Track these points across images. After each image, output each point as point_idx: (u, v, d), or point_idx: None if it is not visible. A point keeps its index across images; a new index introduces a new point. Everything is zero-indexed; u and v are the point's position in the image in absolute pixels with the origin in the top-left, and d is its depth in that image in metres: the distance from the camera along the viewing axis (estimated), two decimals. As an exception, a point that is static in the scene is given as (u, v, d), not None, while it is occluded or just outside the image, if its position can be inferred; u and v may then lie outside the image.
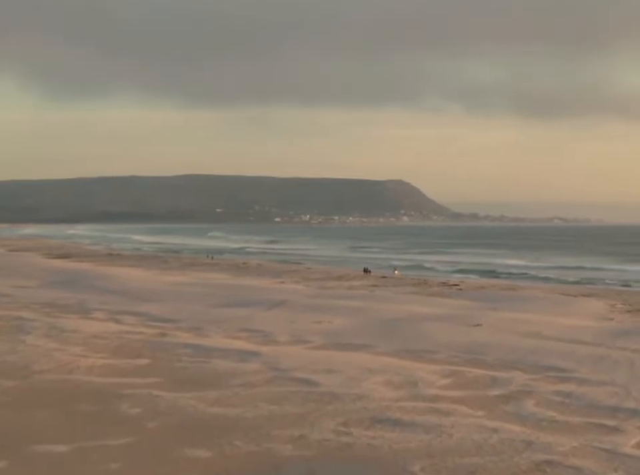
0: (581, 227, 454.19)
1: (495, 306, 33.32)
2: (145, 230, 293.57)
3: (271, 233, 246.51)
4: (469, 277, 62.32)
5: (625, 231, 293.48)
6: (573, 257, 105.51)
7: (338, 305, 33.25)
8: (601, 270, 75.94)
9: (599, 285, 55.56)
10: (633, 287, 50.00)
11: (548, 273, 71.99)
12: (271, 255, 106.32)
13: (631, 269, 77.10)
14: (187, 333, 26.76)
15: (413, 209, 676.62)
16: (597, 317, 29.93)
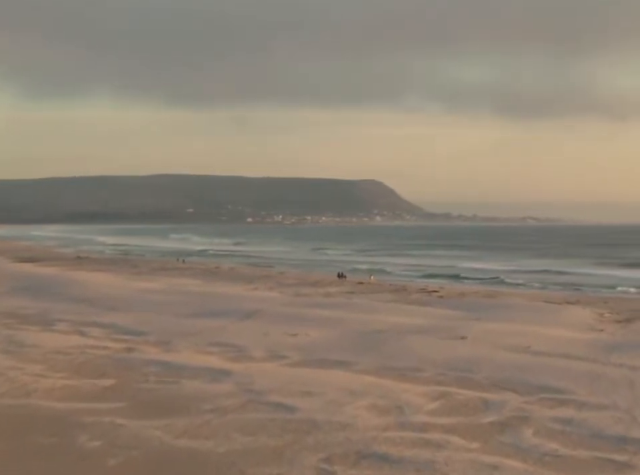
0: (553, 227, 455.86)
1: (478, 316, 32.01)
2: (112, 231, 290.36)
3: (239, 235, 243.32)
4: (435, 282, 60.72)
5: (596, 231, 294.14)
6: (542, 259, 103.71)
7: (314, 315, 31.82)
8: (574, 275, 74.07)
9: (576, 290, 54.50)
10: (612, 294, 48.70)
11: (518, 277, 70.30)
12: (236, 257, 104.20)
13: (599, 272, 75.73)
14: (155, 348, 25.22)
15: (386, 209, 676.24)
16: (586, 328, 28.70)
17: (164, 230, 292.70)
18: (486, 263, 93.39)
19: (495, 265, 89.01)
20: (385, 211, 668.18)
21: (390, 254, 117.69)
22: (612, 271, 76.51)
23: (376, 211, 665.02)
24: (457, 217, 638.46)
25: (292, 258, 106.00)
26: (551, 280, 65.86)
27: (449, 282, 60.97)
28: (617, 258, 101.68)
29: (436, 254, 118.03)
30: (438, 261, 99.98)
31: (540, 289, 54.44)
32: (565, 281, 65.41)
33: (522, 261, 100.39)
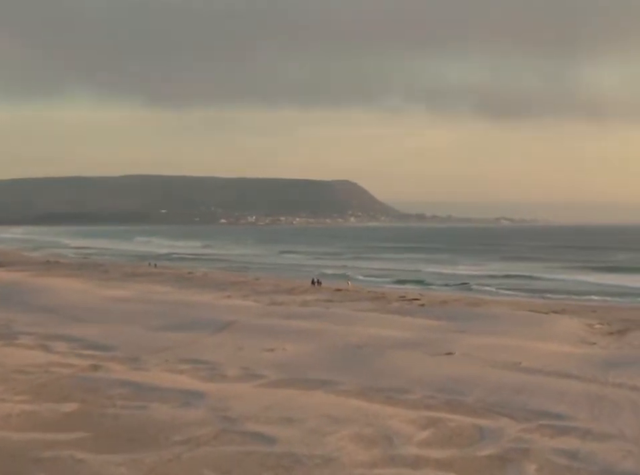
0: (526, 228, 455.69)
1: (463, 327, 30.66)
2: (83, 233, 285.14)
3: (208, 237, 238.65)
4: (401, 288, 58.66)
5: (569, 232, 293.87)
6: (511, 263, 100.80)
7: (292, 327, 30.36)
8: (543, 280, 72.12)
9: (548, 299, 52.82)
10: (599, 302, 47.06)
11: (487, 283, 68.48)
12: (202, 261, 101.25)
13: (569, 278, 72.71)
14: (122, 366, 23.67)
15: (360, 210, 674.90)
16: (577, 340, 27.42)
17: (135, 232, 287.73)
18: (453, 267, 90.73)
19: (463, 270, 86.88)
20: (359, 212, 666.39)
21: (357, 257, 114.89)
22: (581, 277, 74.23)
23: (350, 212, 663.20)
24: (431, 218, 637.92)
25: (259, 262, 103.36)
26: (520, 286, 63.93)
27: (414, 288, 58.81)
28: (587, 262, 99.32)
29: (404, 257, 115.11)
30: (405, 264, 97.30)
31: (512, 297, 52.39)
32: (535, 287, 63.76)
33: (491, 264, 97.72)
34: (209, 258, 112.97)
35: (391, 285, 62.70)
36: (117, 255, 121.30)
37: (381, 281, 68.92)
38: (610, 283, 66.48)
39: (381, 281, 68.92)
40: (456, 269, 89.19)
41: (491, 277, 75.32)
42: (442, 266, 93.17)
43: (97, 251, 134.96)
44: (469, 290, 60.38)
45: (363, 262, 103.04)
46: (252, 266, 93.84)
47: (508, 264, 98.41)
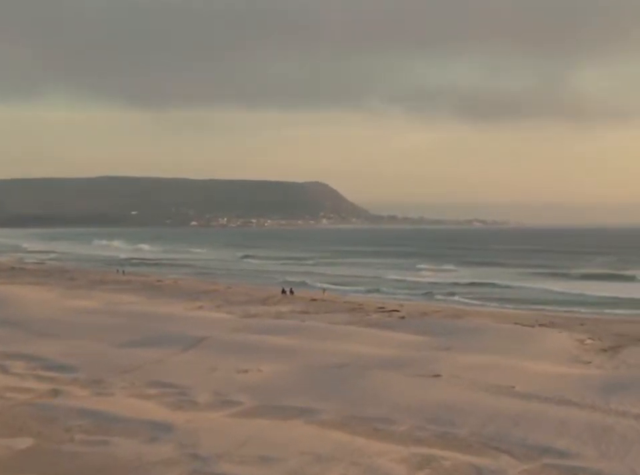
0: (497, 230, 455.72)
1: (447, 343, 29.12)
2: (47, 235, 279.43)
3: (173, 240, 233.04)
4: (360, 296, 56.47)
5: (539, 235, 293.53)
6: (477, 268, 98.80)
7: (267, 343, 28.68)
8: (509, 288, 69.69)
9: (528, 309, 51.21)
10: (587, 314, 45.29)
11: (450, 291, 66.21)
12: (165, 267, 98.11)
13: (535, 286, 70.47)
14: (84, 390, 21.91)
15: (332, 212, 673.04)
16: (570, 359, 25.95)
17: (100, 234, 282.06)
18: (416, 274, 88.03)
19: (427, 276, 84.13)
20: (331, 214, 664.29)
21: (319, 263, 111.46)
22: (547, 285, 71.40)
23: (322, 214, 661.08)
24: (403, 220, 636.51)
25: (222, 268, 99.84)
26: (485, 295, 61.81)
27: (378, 297, 56.41)
28: (553, 267, 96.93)
29: (367, 262, 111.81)
30: (367, 270, 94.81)
31: (484, 307, 50.35)
32: (500, 295, 61.54)
33: (456, 271, 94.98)
34: (172, 263, 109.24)
35: (352, 294, 59.76)
36: (78, 259, 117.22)
37: (339, 289, 65.66)
38: (581, 292, 63.55)
39: (339, 289, 65.66)
40: (419, 275, 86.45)
41: (454, 284, 72.85)
42: (406, 272, 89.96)
43: (57, 256, 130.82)
44: (431, 299, 58.19)
45: (326, 268, 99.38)
46: (215, 272, 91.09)
47: (473, 270, 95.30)
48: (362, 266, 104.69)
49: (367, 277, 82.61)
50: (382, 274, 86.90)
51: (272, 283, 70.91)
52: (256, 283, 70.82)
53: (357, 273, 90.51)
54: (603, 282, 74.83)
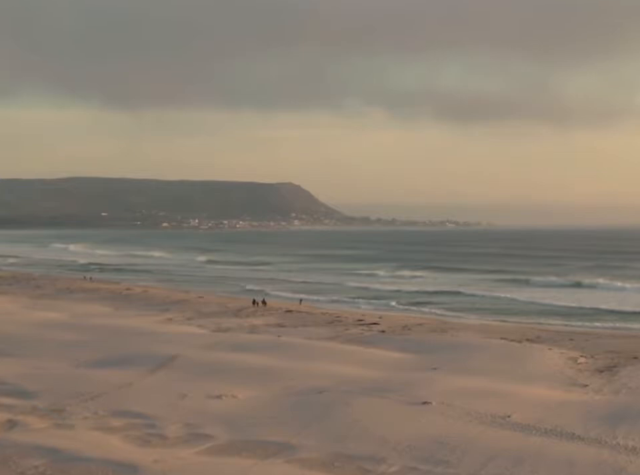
0: (468, 231, 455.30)
1: (434, 362, 27.49)
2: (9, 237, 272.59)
3: (139, 242, 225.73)
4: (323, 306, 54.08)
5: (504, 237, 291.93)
6: (440, 273, 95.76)
7: (241, 363, 26.94)
8: (471, 296, 66.76)
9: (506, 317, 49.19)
10: (575, 328, 42.98)
11: (412, 300, 63.18)
12: (126, 273, 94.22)
13: (498, 295, 67.16)
14: (43, 421, 20.09)
15: (304, 213, 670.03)
16: (566, 381, 24.40)
17: (64, 237, 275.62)
18: (378, 281, 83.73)
19: (389, 284, 79.56)
20: (303, 215, 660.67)
21: (282, 269, 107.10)
22: (512, 293, 67.40)
23: (294, 215, 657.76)
24: (375, 221, 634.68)
25: (183, 274, 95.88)
26: (451, 305, 58.77)
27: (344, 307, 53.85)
28: (517, 273, 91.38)
29: (331, 268, 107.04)
30: (330, 277, 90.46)
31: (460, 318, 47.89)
32: (467, 305, 58.87)
33: (420, 278, 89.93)
34: (132, 269, 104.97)
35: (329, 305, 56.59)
36: (34, 265, 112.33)
37: (294, 297, 60.89)
38: (549, 302, 60.78)
39: (294, 297, 60.89)
40: (382, 282, 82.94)
41: (418, 293, 69.65)
42: (369, 279, 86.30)
43: (16, 261, 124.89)
44: (392, 309, 55.66)
45: (288, 274, 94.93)
46: (176, 278, 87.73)
47: (438, 276, 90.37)
48: (325, 272, 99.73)
49: (329, 284, 79.08)
50: (344, 281, 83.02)
51: (239, 291, 68.62)
52: (223, 291, 68.31)
53: (320, 279, 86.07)
54: (565, 290, 72.43)
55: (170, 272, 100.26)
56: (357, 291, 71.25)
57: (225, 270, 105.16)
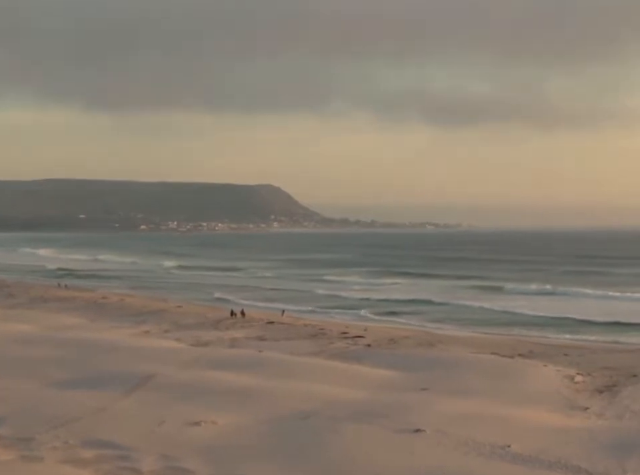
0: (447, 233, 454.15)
1: (424, 382, 26.22)
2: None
3: (113, 246, 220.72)
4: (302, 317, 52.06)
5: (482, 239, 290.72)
6: (411, 280, 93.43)
7: (221, 384, 25.57)
8: (442, 305, 64.53)
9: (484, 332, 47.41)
10: (567, 341, 41.31)
11: (382, 309, 61.56)
12: (95, 279, 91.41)
13: (473, 305, 64.39)
14: (8, 453, 18.68)
15: (283, 215, 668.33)
16: (564, 403, 23.19)
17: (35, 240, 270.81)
18: (348, 289, 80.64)
19: (356, 292, 76.83)
20: (282, 217, 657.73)
21: (252, 275, 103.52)
22: (483, 302, 64.99)
23: (273, 217, 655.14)
24: (355, 223, 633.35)
25: (152, 279, 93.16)
26: (424, 316, 56.49)
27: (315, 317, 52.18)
28: (487, 279, 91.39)
29: (301, 274, 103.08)
30: (299, 284, 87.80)
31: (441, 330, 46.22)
32: (436, 316, 56.67)
33: (393, 285, 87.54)
34: (101, 275, 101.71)
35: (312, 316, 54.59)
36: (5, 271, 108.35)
37: (265, 306, 60.80)
38: (520, 312, 58.70)
39: (265, 306, 60.80)
40: (353, 290, 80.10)
41: (389, 302, 67.28)
42: (339, 286, 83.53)
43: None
44: (365, 319, 53.97)
45: (259, 281, 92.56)
46: (146, 285, 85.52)
47: (410, 283, 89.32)
48: (297, 278, 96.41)
49: (299, 292, 76.98)
50: (314, 288, 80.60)
51: (208, 299, 66.82)
52: (193, 298, 66.31)
53: (291, 286, 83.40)
54: (542, 298, 70.37)
55: (139, 278, 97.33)
56: (327, 300, 69.04)
57: (194, 276, 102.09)
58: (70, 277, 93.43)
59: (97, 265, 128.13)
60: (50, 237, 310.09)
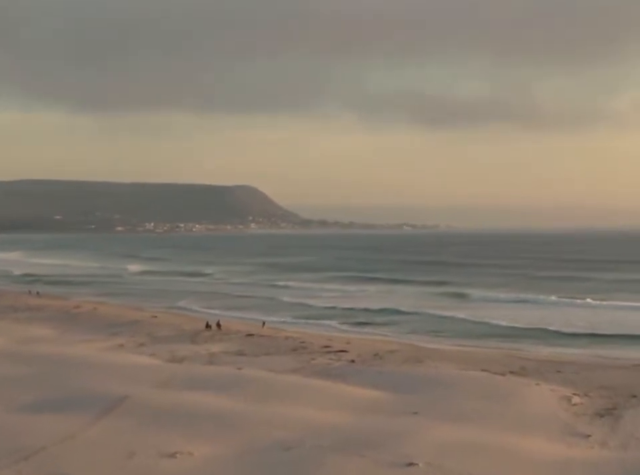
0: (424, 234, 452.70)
1: (414, 404, 24.77)
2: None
3: (83, 248, 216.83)
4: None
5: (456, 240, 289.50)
6: (380, 286, 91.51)
7: (199, 407, 23.99)
8: (408, 314, 62.20)
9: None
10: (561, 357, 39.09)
11: (356, 319, 59.54)
12: (62, 286, 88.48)
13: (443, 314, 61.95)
14: (-36, 493, 17.11)
15: (261, 216, 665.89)
16: (564, 430, 21.78)
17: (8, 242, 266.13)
18: (315, 296, 77.73)
19: (323, 300, 73.40)
20: (260, 218, 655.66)
21: (220, 281, 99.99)
22: (449, 311, 63.01)
23: (251, 218, 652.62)
24: (333, 224, 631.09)
25: (109, 284, 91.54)
26: (392, 328, 54.29)
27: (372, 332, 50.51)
28: (452, 285, 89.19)
29: (270, 279, 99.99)
30: (265, 291, 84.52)
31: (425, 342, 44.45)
32: (404, 327, 54.24)
33: (360, 292, 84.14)
34: (67, 281, 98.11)
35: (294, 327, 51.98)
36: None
37: (237, 316, 58.46)
38: (487, 321, 56.54)
39: (237, 316, 58.46)
40: (319, 298, 77.01)
41: (357, 311, 64.74)
42: (306, 293, 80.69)
43: None
44: (332, 329, 52.54)
45: (225, 287, 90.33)
46: (113, 290, 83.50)
47: (377, 289, 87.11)
48: (265, 285, 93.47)
49: (265, 299, 74.75)
50: (280, 295, 78.02)
51: (171, 307, 65.12)
52: (156, 306, 64.45)
53: (258, 293, 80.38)
54: (511, 306, 68.66)
55: (105, 284, 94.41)
56: (292, 309, 66.79)
57: (161, 282, 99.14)
58: (38, 284, 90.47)
59: (64, 270, 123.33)
60: (21, 239, 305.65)
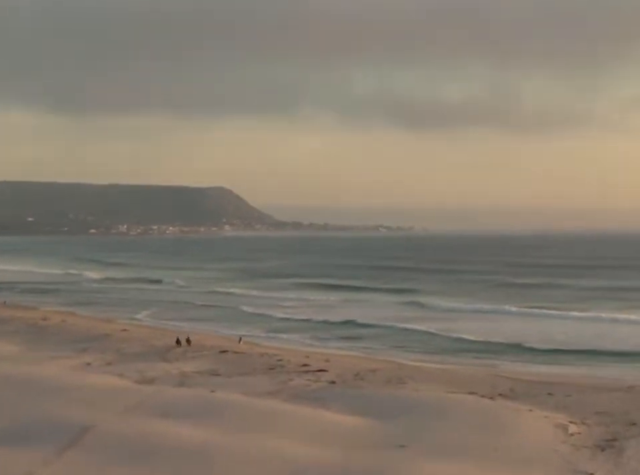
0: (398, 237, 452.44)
1: (400, 435, 23.03)
2: None
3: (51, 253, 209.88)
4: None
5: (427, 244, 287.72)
6: (346, 294, 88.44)
7: (168, 439, 22.17)
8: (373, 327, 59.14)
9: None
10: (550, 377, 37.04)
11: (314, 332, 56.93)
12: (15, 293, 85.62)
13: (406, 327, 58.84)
14: None
15: (235, 218, 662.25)
16: (564, 467, 20.10)
17: None
18: (275, 305, 75.26)
19: (280, 310, 70.65)
20: (234, 220, 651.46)
21: (182, 289, 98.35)
22: (411, 323, 59.76)
23: (225, 220, 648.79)
24: (308, 226, 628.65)
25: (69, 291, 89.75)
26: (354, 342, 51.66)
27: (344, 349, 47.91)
28: (415, 293, 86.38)
29: (233, 286, 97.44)
30: (227, 299, 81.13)
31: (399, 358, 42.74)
32: (363, 343, 51.45)
33: (321, 300, 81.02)
34: (33, 288, 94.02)
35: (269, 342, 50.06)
36: None
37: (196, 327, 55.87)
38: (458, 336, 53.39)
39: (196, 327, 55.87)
40: (278, 307, 73.98)
41: (310, 323, 62.06)
42: (268, 302, 78.23)
43: None
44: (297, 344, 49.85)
45: (190, 296, 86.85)
46: (79, 297, 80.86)
47: (342, 297, 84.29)
48: (230, 292, 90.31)
49: (227, 309, 72.01)
50: (241, 304, 74.93)
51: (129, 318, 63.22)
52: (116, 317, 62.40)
53: (221, 302, 77.93)
54: (473, 316, 65.88)
55: (69, 292, 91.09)
56: (252, 319, 64.51)
57: (122, 290, 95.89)
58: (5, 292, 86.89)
59: (23, 277, 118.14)
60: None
